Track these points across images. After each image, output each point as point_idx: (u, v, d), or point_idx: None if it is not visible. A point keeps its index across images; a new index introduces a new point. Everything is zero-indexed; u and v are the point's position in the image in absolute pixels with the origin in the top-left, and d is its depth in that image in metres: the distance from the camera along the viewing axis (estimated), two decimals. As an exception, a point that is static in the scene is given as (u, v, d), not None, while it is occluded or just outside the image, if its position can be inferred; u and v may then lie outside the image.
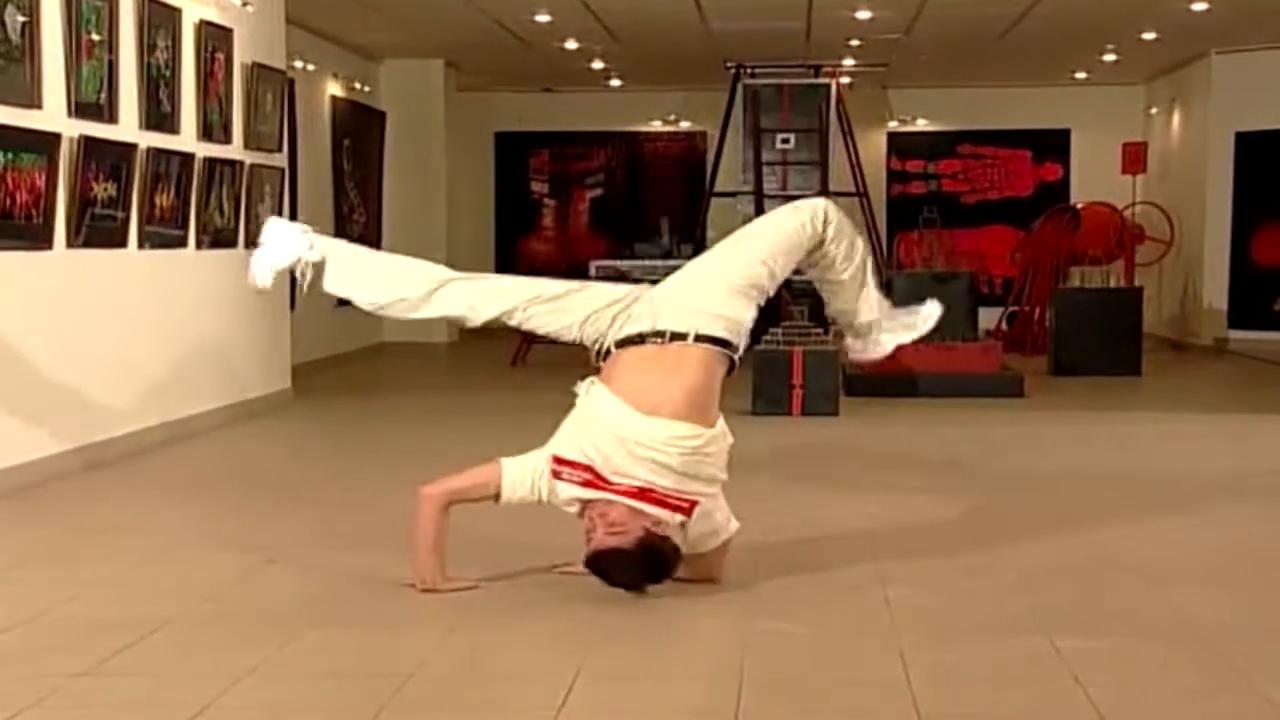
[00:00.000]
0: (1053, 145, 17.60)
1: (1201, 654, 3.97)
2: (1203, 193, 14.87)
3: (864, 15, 12.34)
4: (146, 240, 7.93)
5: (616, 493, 4.39)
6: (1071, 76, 16.35)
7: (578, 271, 13.65)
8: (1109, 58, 14.85)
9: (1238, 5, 12.00)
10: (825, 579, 4.79)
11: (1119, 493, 6.59)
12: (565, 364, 5.37)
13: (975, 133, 17.67)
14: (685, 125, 18.07)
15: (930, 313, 5.07)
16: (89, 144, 7.14)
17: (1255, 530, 5.73)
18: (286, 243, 4.85)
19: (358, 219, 14.26)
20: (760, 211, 14.57)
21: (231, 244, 9.12)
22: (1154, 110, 16.73)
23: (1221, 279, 14.73)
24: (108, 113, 7.40)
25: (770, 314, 13.21)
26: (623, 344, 4.59)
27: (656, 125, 18.13)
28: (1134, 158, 15.47)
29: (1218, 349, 14.43)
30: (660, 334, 4.54)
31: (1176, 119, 16.00)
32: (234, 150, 9.08)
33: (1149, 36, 13.45)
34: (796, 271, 5.05)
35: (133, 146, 7.68)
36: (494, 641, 4.11)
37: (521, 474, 4.50)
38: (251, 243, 9.30)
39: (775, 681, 3.70)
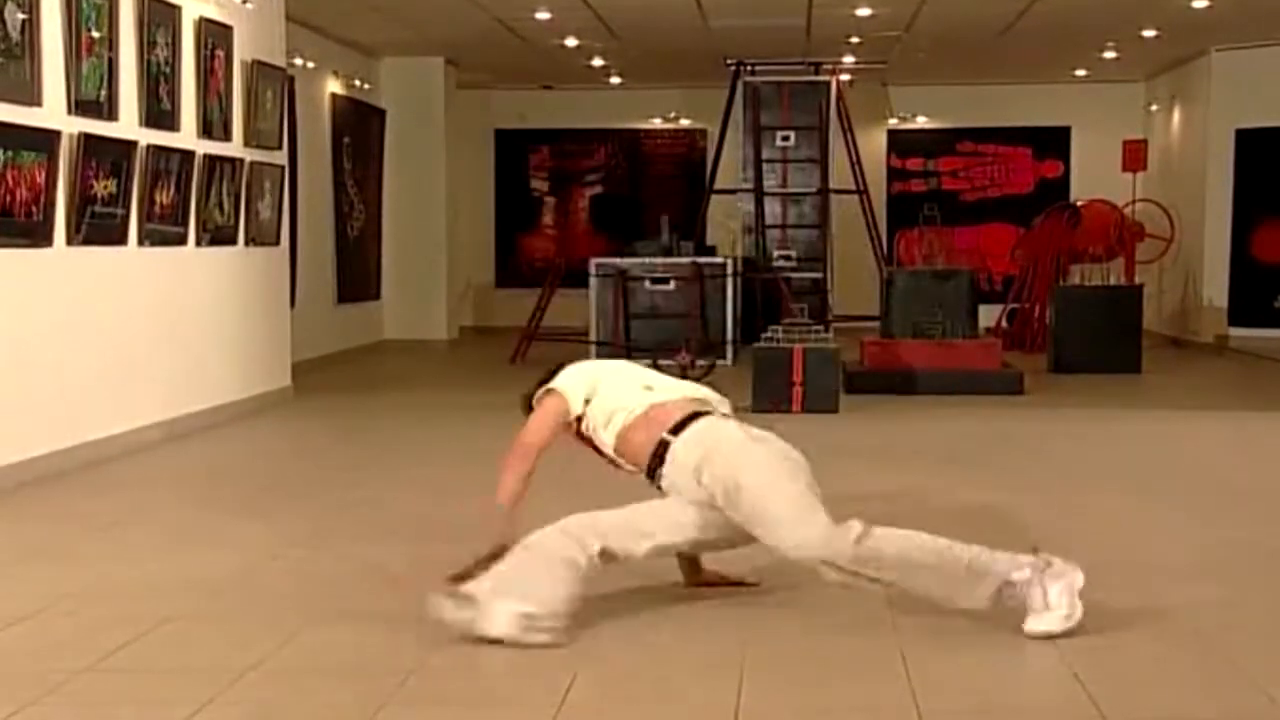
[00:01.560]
0: (1053, 142, 17.60)
1: (1201, 651, 3.98)
2: (1203, 190, 14.87)
3: (864, 12, 12.34)
4: (146, 238, 7.93)
5: None
6: (1072, 74, 16.35)
7: (577, 269, 13.66)
8: (1109, 55, 14.84)
9: (1238, 2, 11.99)
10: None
11: (1118, 490, 6.60)
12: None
13: (975, 130, 17.67)
14: (685, 123, 18.07)
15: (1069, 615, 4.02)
16: (89, 141, 7.15)
17: (1255, 528, 5.73)
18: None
19: (357, 217, 14.26)
20: (760, 209, 14.65)
21: (231, 241, 9.13)
22: (1154, 107, 16.73)
23: (1222, 276, 14.73)
24: (108, 110, 7.41)
25: (771, 311, 13.27)
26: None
27: (656, 123, 18.12)
28: (1134, 155, 15.46)
29: (1218, 346, 14.42)
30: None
31: (1176, 116, 15.99)
32: (234, 148, 9.09)
33: (1149, 33, 13.45)
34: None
35: (133, 144, 7.68)
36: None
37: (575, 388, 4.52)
38: (251, 240, 9.42)
39: (775, 680, 3.71)
